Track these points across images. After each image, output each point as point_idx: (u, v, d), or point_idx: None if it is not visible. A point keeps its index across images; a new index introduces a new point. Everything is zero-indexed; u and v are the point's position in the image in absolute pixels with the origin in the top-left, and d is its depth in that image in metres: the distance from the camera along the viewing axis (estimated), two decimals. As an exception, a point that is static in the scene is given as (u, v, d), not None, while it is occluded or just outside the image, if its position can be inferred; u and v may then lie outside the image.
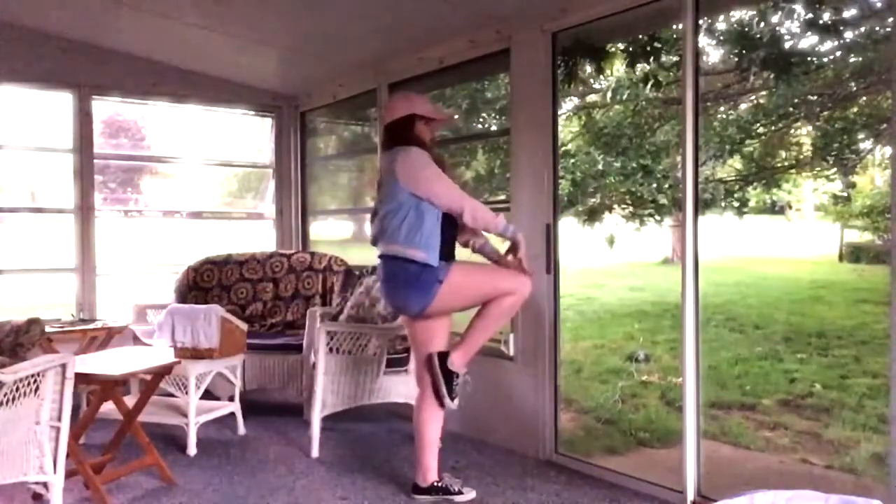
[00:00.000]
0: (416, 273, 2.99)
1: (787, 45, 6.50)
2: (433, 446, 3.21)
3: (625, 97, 7.71)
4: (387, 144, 3.20)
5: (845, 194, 10.40)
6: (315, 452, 3.79)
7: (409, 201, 2.99)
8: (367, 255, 4.03)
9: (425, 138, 3.17)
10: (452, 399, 3.11)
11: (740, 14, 6.79)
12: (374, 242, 3.21)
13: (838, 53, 7.15)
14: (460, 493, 3.20)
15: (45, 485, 2.59)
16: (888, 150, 7.56)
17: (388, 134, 3.21)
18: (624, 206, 9.00)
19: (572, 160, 8.51)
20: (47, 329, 4.06)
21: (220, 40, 4.69)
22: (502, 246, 3.22)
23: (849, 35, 6.73)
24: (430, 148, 3.18)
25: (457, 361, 3.11)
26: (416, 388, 3.91)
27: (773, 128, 8.45)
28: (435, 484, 3.20)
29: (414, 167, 3.02)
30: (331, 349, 3.79)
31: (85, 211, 5.00)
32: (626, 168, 8.46)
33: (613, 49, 5.84)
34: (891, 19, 5.32)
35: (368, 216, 3.35)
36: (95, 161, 5.08)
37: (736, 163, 9.07)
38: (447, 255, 3.07)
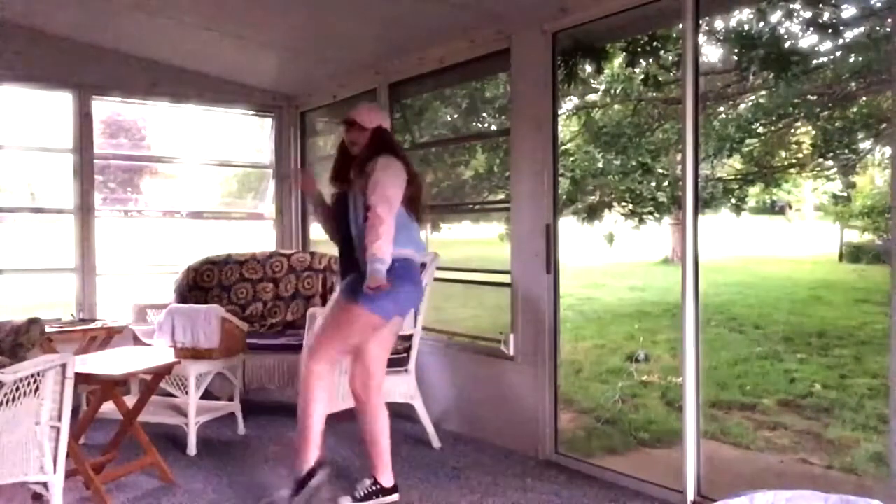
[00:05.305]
0: None
1: (786, 45, 6.50)
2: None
3: (619, 90, 7.72)
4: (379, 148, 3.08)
5: (845, 194, 10.40)
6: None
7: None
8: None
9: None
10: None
11: (740, 14, 6.80)
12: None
13: (838, 53, 7.15)
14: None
15: (45, 485, 2.59)
16: (888, 150, 7.56)
17: (382, 138, 3.14)
18: (623, 203, 9.01)
19: (572, 158, 8.52)
20: (47, 329, 4.05)
21: (220, 40, 4.69)
22: None
23: (849, 35, 6.74)
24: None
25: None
26: (414, 387, 3.94)
27: (772, 127, 8.46)
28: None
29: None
30: (331, 349, 3.78)
31: (85, 211, 4.99)
32: (626, 166, 8.47)
33: (613, 49, 5.85)
34: (890, 19, 5.32)
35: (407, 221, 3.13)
36: (95, 161, 5.06)
37: (736, 162, 9.08)
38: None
